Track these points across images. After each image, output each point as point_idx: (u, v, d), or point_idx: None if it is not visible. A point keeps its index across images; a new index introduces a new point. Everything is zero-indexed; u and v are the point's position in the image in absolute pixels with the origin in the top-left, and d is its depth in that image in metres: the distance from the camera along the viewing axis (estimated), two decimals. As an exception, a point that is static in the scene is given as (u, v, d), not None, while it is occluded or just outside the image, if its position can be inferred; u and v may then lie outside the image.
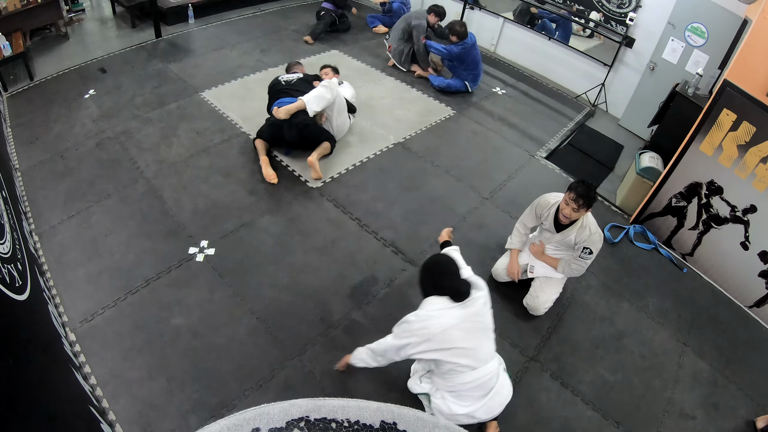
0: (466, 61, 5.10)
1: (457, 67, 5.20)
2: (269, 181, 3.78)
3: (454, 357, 2.08)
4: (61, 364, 2.15)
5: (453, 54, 5.04)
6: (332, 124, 4.05)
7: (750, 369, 3.10)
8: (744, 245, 3.38)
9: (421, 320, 2.07)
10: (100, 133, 4.09)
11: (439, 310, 2.08)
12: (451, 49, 5.05)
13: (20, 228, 2.78)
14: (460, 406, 2.18)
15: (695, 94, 4.01)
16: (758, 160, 3.12)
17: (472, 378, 2.13)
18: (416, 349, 2.09)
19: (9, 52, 4.42)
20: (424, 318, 2.07)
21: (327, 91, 3.80)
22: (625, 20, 5.04)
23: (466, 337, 2.08)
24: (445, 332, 2.04)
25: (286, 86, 3.96)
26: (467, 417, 2.20)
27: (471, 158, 4.41)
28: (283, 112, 3.71)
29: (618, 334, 3.13)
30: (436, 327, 2.04)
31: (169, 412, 2.39)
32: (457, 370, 2.12)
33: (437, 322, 2.05)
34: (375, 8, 6.96)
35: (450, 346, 2.06)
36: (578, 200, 2.64)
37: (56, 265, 3.01)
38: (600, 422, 2.66)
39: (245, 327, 2.81)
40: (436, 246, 3.49)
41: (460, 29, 4.94)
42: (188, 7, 6.02)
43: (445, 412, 2.21)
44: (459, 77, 5.26)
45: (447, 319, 2.05)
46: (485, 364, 2.16)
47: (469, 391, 2.16)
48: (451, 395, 2.20)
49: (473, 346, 2.10)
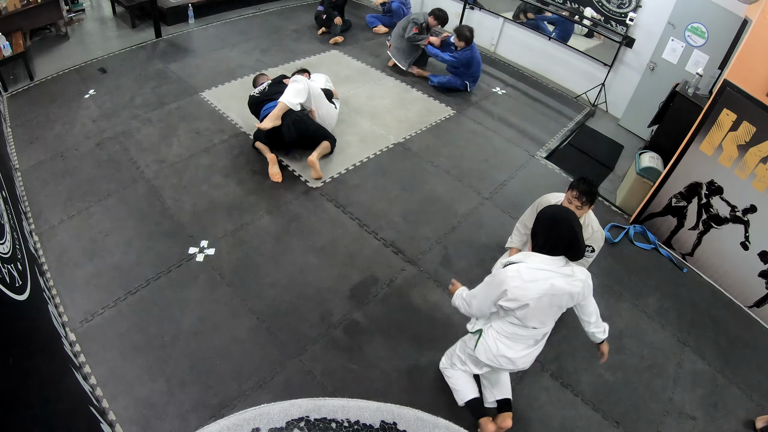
0: (472, 66, 5.14)
1: (461, 72, 5.21)
2: (273, 180, 3.79)
3: (527, 317, 2.09)
4: (61, 364, 2.15)
5: (462, 61, 5.06)
6: (319, 113, 4.08)
7: (750, 369, 3.10)
8: (744, 245, 3.38)
9: (523, 282, 2.00)
10: (100, 133, 4.09)
11: (541, 272, 1.99)
12: (459, 56, 5.05)
13: (20, 228, 2.78)
14: (510, 350, 2.22)
15: (695, 94, 4.01)
16: (758, 160, 3.12)
17: (531, 334, 2.19)
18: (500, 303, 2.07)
19: (9, 52, 4.42)
20: (530, 280, 1.99)
21: (297, 83, 3.87)
22: (625, 20, 5.04)
23: (547, 309, 2.08)
24: (539, 298, 2.01)
25: (262, 96, 4.03)
26: (509, 361, 2.24)
27: (471, 158, 4.41)
28: (269, 121, 3.75)
29: (618, 334, 3.13)
30: (535, 293, 2.00)
31: (169, 412, 2.39)
32: (522, 325, 2.15)
33: (538, 288, 1.99)
34: (375, 8, 6.96)
35: (532, 313, 2.06)
36: (581, 197, 2.63)
37: (56, 265, 3.01)
38: (600, 422, 2.66)
39: (245, 327, 2.81)
40: (437, 246, 3.50)
41: (468, 34, 4.97)
42: (188, 7, 6.02)
43: (493, 350, 2.24)
44: (459, 76, 5.27)
45: (546, 285, 1.99)
46: (544, 327, 2.20)
47: (524, 339, 2.21)
48: (506, 338, 2.22)
49: (548, 316, 2.13)
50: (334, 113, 4.30)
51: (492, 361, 2.27)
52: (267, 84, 4.14)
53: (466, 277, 3.30)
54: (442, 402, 2.56)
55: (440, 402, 2.57)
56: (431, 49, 5.26)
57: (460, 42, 5.02)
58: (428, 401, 2.58)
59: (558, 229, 1.98)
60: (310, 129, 3.93)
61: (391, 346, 2.83)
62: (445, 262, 3.39)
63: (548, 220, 2.02)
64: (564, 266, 2.01)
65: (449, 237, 3.59)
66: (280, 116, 3.77)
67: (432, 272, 3.31)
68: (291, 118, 3.80)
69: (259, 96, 4.05)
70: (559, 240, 1.98)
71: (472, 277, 3.32)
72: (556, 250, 1.99)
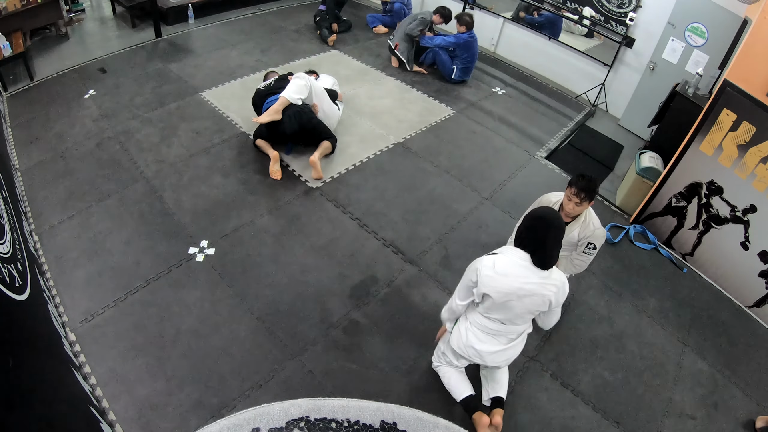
0: (468, 51, 5.27)
1: (456, 53, 5.33)
2: (273, 177, 3.80)
3: (491, 309, 2.12)
4: (61, 364, 2.15)
5: (460, 43, 5.20)
6: (321, 107, 4.10)
7: (750, 369, 3.10)
8: (744, 245, 3.39)
9: (495, 273, 2.02)
10: (100, 133, 4.09)
11: (516, 268, 2.01)
12: (459, 36, 5.22)
13: (20, 228, 2.78)
14: (479, 342, 2.26)
15: (695, 94, 4.01)
16: (758, 160, 3.12)
17: (499, 328, 2.21)
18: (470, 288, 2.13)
19: (9, 52, 4.42)
20: (501, 273, 2.02)
21: (299, 78, 3.91)
22: (625, 20, 5.04)
23: (515, 307, 2.09)
24: (507, 294, 2.03)
25: (266, 90, 4.05)
26: (476, 354, 2.28)
27: (471, 158, 4.41)
28: (267, 116, 3.77)
29: (618, 334, 3.13)
30: (503, 287, 2.02)
31: (169, 412, 2.39)
32: (490, 317, 2.18)
33: (507, 284, 2.01)
34: (376, 8, 6.96)
35: (498, 304, 2.07)
36: (580, 194, 2.64)
37: (56, 265, 3.01)
38: (600, 422, 2.66)
39: (245, 327, 2.81)
40: (437, 246, 3.50)
41: (469, 19, 5.19)
42: (188, 7, 6.02)
43: (462, 339, 2.29)
44: (453, 59, 5.37)
45: (517, 284, 2.01)
46: (515, 326, 2.22)
47: (494, 335, 2.24)
48: (476, 329, 2.26)
49: (517, 315, 2.14)
50: (336, 114, 4.31)
51: (461, 350, 2.32)
52: (274, 80, 4.18)
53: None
54: (442, 402, 2.56)
55: (440, 402, 2.57)
56: (426, 39, 5.37)
57: (461, 27, 5.22)
58: (428, 401, 2.58)
59: (534, 230, 2.02)
60: (312, 122, 3.95)
61: (391, 346, 2.83)
62: (445, 262, 3.39)
63: (531, 218, 2.06)
64: (535, 267, 2.01)
65: (449, 237, 3.59)
66: (280, 111, 3.78)
67: (432, 272, 3.31)
68: (292, 110, 3.83)
69: (263, 90, 4.08)
70: (531, 240, 2.01)
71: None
72: (527, 248, 2.02)
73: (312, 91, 3.97)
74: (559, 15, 5.68)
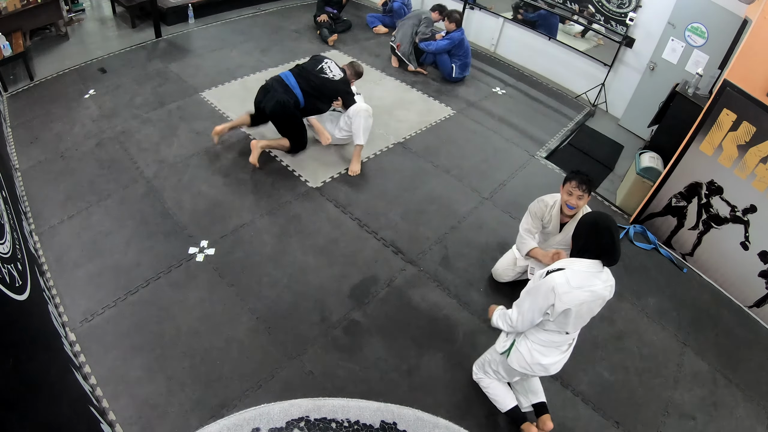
0: (463, 47, 5.38)
1: (455, 54, 5.41)
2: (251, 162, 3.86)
3: (567, 323, 2.12)
4: (61, 364, 2.15)
5: (455, 40, 5.30)
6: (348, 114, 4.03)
7: (750, 369, 3.10)
8: (744, 245, 3.38)
9: (571, 288, 2.02)
10: (100, 133, 4.09)
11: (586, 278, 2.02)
12: (453, 36, 5.31)
13: (20, 228, 2.78)
14: (545, 357, 2.25)
15: (695, 94, 4.01)
16: (758, 160, 3.12)
17: (562, 338, 2.22)
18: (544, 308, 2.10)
19: (9, 52, 4.42)
20: (577, 287, 2.02)
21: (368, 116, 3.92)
22: (625, 20, 5.04)
23: (585, 314, 2.11)
24: (581, 304, 2.04)
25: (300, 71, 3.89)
26: (542, 368, 2.28)
27: (471, 158, 4.41)
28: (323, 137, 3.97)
29: (618, 334, 3.13)
30: (579, 299, 2.03)
31: (169, 412, 2.39)
32: (559, 331, 2.19)
33: (582, 295, 2.02)
34: (376, 8, 6.96)
35: (572, 319, 2.08)
36: (581, 186, 2.68)
37: (56, 265, 3.01)
38: (600, 422, 2.66)
39: (245, 327, 2.81)
40: (437, 246, 3.50)
41: (458, 17, 5.34)
42: (188, 7, 6.02)
43: (527, 359, 2.28)
44: (450, 57, 5.44)
45: (589, 292, 2.03)
46: (577, 332, 2.24)
47: (558, 345, 2.25)
48: (540, 346, 2.25)
49: (585, 321, 2.16)
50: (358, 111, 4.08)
51: (526, 369, 2.31)
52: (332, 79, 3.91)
53: (466, 278, 3.31)
54: (442, 402, 2.56)
55: (440, 402, 2.56)
56: (424, 45, 5.44)
57: (451, 24, 5.32)
58: (428, 401, 2.58)
59: (599, 235, 2.04)
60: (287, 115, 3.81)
61: (391, 346, 2.83)
62: (445, 262, 3.39)
63: (589, 225, 2.09)
64: (601, 271, 2.05)
65: (449, 237, 3.59)
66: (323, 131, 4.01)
67: (432, 272, 3.31)
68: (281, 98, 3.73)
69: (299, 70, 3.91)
70: (598, 245, 2.03)
71: (472, 277, 3.32)
72: (595, 255, 2.04)
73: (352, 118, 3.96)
74: (552, 12, 5.68)
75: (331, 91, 3.89)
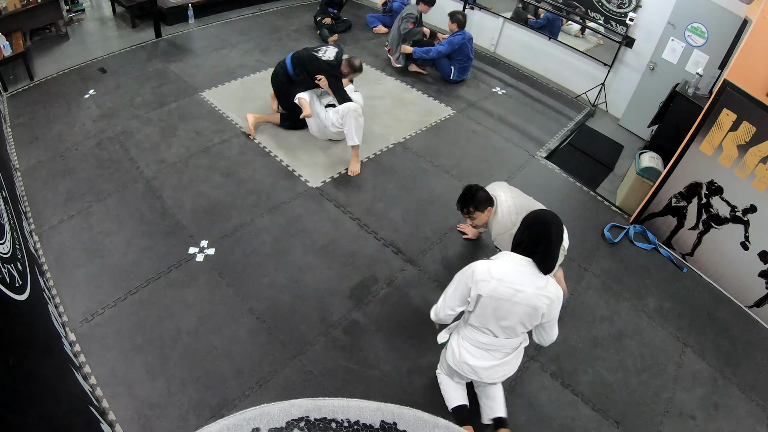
0: (464, 53, 5.29)
1: (453, 57, 5.34)
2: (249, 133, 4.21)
3: (485, 317, 2.07)
4: (61, 364, 2.15)
5: (455, 45, 5.20)
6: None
7: (750, 369, 3.10)
8: (744, 245, 3.38)
9: (491, 277, 1.97)
10: (100, 133, 4.09)
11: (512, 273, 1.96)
12: (452, 40, 5.20)
13: (20, 228, 2.78)
14: (472, 357, 2.22)
15: (695, 94, 4.01)
16: (758, 160, 3.12)
17: (492, 342, 2.17)
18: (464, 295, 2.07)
19: (9, 52, 4.42)
20: (497, 278, 1.97)
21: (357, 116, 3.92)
22: (625, 20, 5.04)
23: (509, 315, 2.02)
24: (499, 299, 1.98)
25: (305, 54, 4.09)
26: (471, 370, 2.24)
27: (471, 158, 4.41)
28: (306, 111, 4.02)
29: (618, 334, 3.13)
30: (497, 292, 1.96)
31: (169, 412, 2.39)
32: (482, 330, 2.15)
33: (501, 288, 1.96)
34: (376, 8, 6.96)
35: (491, 312, 2.03)
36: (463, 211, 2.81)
37: (56, 265, 3.01)
38: (600, 422, 2.66)
39: (245, 327, 2.81)
40: (437, 246, 3.50)
41: (462, 18, 5.22)
42: (188, 7, 6.01)
43: (456, 356, 2.25)
44: (448, 61, 5.37)
45: (511, 290, 1.96)
46: (509, 339, 2.16)
47: (488, 349, 2.20)
48: (468, 344, 2.23)
49: (509, 326, 2.08)
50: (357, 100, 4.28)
51: (457, 367, 2.29)
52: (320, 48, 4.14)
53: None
54: (442, 402, 2.56)
55: (440, 402, 2.56)
56: (419, 51, 5.30)
57: (453, 24, 5.22)
58: (428, 401, 2.58)
59: (532, 229, 1.99)
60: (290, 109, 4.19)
61: (391, 346, 2.83)
62: (445, 262, 3.39)
63: (529, 219, 2.03)
64: (537, 273, 1.97)
65: (449, 237, 3.59)
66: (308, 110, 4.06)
67: (432, 272, 3.31)
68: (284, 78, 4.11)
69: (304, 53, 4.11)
70: (532, 241, 1.97)
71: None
72: (527, 251, 1.98)
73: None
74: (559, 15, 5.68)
75: (315, 67, 4.02)
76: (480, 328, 2.15)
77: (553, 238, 1.94)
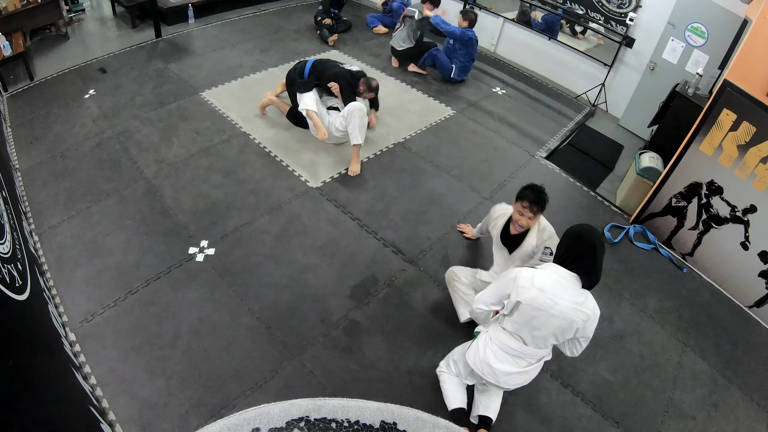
0: (467, 49, 5.28)
1: (456, 50, 5.33)
2: None
3: (520, 324, 2.09)
4: (61, 364, 2.15)
5: (465, 37, 5.21)
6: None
7: (750, 369, 3.10)
8: (744, 245, 3.38)
9: (532, 285, 2.00)
10: (100, 133, 4.09)
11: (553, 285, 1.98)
12: (465, 32, 5.22)
13: (20, 228, 2.78)
14: (496, 360, 2.23)
15: (695, 94, 4.01)
16: (758, 160, 3.12)
17: (520, 349, 2.18)
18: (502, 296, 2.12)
19: (9, 52, 4.42)
20: (538, 287, 1.99)
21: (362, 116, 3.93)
22: (625, 20, 5.04)
23: (542, 327, 2.05)
24: (538, 308, 2.00)
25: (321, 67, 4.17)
26: (491, 372, 2.25)
27: (471, 158, 4.41)
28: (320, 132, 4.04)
29: (618, 334, 3.13)
30: (536, 301, 1.99)
31: (169, 412, 2.39)
32: (513, 336, 2.17)
33: (541, 298, 1.98)
34: (376, 8, 6.96)
35: (527, 319, 2.05)
36: (532, 207, 2.57)
37: (56, 265, 3.01)
38: (600, 422, 2.66)
39: (245, 327, 2.81)
40: (437, 246, 3.50)
41: (473, 17, 5.27)
42: (188, 7, 6.02)
43: (480, 355, 2.26)
44: (450, 55, 5.40)
45: (550, 301, 1.98)
46: (537, 349, 2.18)
47: (513, 354, 2.21)
48: (495, 346, 2.23)
49: (542, 336, 2.10)
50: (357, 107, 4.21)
51: (476, 366, 2.28)
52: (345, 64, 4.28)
53: (466, 277, 3.31)
54: (442, 402, 2.56)
55: (440, 402, 2.56)
56: (439, 18, 5.29)
57: (464, 22, 5.24)
58: (428, 401, 2.58)
59: (579, 247, 2.01)
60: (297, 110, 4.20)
61: (391, 346, 2.83)
62: (445, 262, 3.39)
63: (573, 236, 2.06)
64: (578, 288, 2.00)
65: (449, 237, 3.59)
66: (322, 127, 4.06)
67: (432, 272, 3.31)
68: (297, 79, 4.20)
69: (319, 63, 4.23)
70: (575, 257, 2.00)
71: (472, 277, 3.32)
72: (573, 267, 2.01)
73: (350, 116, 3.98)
74: (559, 15, 5.68)
75: (332, 73, 4.08)
76: (512, 334, 2.17)
77: (598, 254, 1.98)
